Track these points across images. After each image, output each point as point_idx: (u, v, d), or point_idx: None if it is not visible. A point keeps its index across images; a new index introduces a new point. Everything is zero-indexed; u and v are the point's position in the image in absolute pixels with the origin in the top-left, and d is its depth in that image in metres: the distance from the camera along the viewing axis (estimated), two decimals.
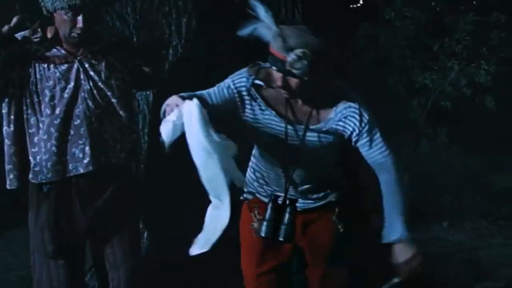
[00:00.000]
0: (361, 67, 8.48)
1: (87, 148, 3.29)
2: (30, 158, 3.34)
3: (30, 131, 3.33)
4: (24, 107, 3.31)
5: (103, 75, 3.34)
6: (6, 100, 3.30)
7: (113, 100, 3.37)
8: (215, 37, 4.14)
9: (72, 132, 3.29)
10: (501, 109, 9.40)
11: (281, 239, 2.96)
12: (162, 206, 4.16)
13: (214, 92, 2.91)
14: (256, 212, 3.16)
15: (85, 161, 3.30)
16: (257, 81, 2.85)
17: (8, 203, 6.31)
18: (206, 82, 3.73)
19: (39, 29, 3.33)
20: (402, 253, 2.84)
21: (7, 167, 3.38)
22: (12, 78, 3.27)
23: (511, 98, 9.77)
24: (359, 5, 4.73)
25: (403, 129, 9.33)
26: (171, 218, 4.14)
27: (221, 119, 2.71)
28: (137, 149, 3.69)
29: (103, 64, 3.36)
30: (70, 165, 3.31)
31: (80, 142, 3.30)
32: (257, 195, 3.20)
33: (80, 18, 3.20)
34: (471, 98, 9.11)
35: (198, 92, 2.88)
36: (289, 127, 2.85)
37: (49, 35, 3.34)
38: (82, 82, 3.31)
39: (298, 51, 2.55)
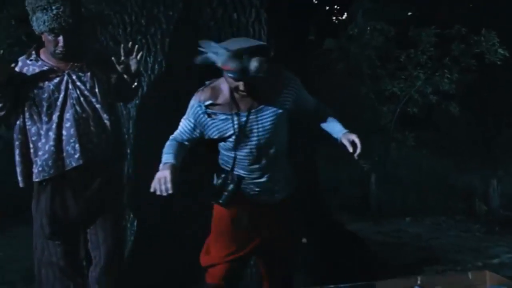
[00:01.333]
0: (334, 77, 9.07)
1: (77, 145, 3.81)
2: (35, 160, 3.85)
3: (33, 138, 3.85)
4: (26, 120, 3.85)
5: (88, 85, 3.86)
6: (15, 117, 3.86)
7: (97, 105, 3.88)
8: (193, 53, 4.68)
9: (65, 133, 3.82)
10: (464, 115, 10.02)
11: (220, 201, 3.58)
12: (150, 197, 4.69)
13: (183, 134, 3.56)
14: (241, 208, 3.65)
15: (76, 156, 3.81)
16: (207, 102, 3.43)
17: (8, 207, 6.95)
18: (184, 89, 4.31)
19: (33, 52, 3.88)
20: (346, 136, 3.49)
21: (18, 170, 3.92)
22: (17, 98, 3.82)
23: (473, 104, 10.39)
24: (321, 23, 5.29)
25: (374, 133, 9.93)
26: (159, 209, 4.58)
27: None
28: (121, 147, 4.20)
29: (88, 75, 3.86)
30: (67, 161, 3.83)
31: (71, 141, 3.81)
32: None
33: (60, 38, 3.72)
34: (437, 104, 9.69)
35: (174, 146, 3.53)
36: (243, 118, 3.44)
37: (42, 56, 3.87)
38: (71, 91, 3.82)
39: (256, 60, 3.17)
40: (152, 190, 3.29)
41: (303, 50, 5.30)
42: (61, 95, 3.83)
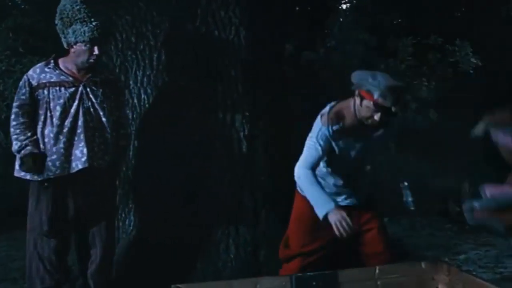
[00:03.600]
0: (317, 86, 9.38)
1: (85, 149, 4.14)
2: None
3: (46, 140, 4.17)
4: (41, 123, 4.17)
5: (99, 99, 4.22)
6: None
7: (103, 119, 4.24)
8: (179, 67, 5.06)
9: (76, 138, 4.16)
10: (443, 121, 10.40)
11: None
12: (148, 199, 5.02)
13: (315, 157, 3.73)
14: None
15: (83, 159, 4.14)
16: (334, 128, 3.70)
17: (7, 210, 7.31)
18: (173, 101, 4.79)
19: (51, 61, 4.22)
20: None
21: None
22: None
23: (452, 110, 10.72)
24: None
25: None
26: (155, 211, 4.97)
27: None
28: (117, 160, 4.51)
29: (100, 91, 4.24)
30: (73, 164, 4.16)
31: (80, 145, 4.15)
32: None
33: (96, 48, 4.12)
34: (416, 111, 10.02)
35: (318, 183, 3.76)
36: (359, 144, 3.82)
37: (60, 65, 4.23)
38: (84, 101, 4.18)
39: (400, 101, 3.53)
40: (337, 234, 3.61)
41: (281, 62, 5.68)
42: (75, 103, 4.18)
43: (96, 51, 4.13)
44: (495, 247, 6.65)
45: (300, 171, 3.77)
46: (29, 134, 4.18)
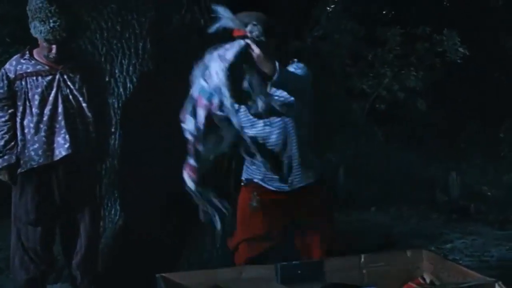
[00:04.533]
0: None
1: (67, 136, 4.13)
2: (24, 152, 4.16)
3: (26, 130, 4.18)
4: (19, 113, 4.18)
5: (77, 85, 4.20)
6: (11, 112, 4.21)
7: (83, 104, 4.22)
8: (163, 56, 5.04)
9: (57, 125, 4.15)
10: (430, 110, 10.47)
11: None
12: (134, 189, 5.00)
13: None
14: (255, 193, 3.74)
15: (66, 146, 4.14)
16: None
17: None
18: (159, 89, 4.80)
19: (27, 52, 4.23)
20: None
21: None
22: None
23: (439, 100, 10.79)
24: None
25: (344, 128, 10.28)
26: (141, 200, 4.94)
27: None
28: (102, 148, 4.51)
29: (78, 76, 4.21)
30: (57, 151, 4.15)
31: (62, 132, 4.14)
32: (254, 180, 3.79)
33: (54, 47, 4.08)
34: (404, 101, 10.07)
35: None
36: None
37: (35, 55, 4.22)
38: (62, 88, 4.17)
39: (252, 22, 3.28)
40: None
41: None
42: (53, 91, 4.16)
43: (53, 50, 4.10)
44: (482, 236, 6.71)
45: None
46: (6, 137, 4.21)
